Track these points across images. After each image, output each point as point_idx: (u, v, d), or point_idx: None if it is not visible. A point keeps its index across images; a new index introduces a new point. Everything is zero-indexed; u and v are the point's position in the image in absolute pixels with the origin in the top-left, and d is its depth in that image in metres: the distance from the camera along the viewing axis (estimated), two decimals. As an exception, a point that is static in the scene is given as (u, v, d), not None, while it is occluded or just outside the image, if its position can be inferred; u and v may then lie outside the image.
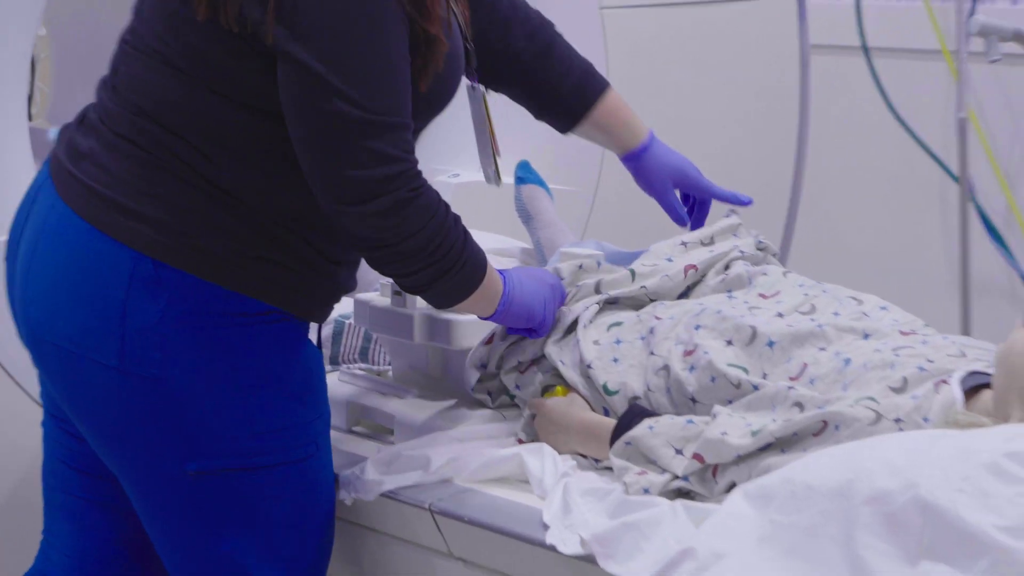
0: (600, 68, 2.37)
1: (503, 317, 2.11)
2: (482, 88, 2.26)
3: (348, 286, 2.11)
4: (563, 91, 2.31)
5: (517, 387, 2.23)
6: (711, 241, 2.31)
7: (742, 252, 2.28)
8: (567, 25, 2.37)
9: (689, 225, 2.36)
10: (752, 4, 3.22)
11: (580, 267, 2.26)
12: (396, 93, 1.92)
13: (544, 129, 2.40)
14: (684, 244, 2.31)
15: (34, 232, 2.02)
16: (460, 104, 2.21)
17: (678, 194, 2.37)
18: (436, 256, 1.97)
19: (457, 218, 2.01)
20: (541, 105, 2.33)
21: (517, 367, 2.24)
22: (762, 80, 3.23)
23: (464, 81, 2.18)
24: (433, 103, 2.06)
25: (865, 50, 3.62)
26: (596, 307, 2.22)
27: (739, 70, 3.21)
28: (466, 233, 2.02)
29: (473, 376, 2.25)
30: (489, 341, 2.22)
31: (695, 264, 2.26)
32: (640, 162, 2.34)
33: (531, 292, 2.13)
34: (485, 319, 2.14)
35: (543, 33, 2.31)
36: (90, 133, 2.01)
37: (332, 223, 1.97)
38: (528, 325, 2.15)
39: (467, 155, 2.85)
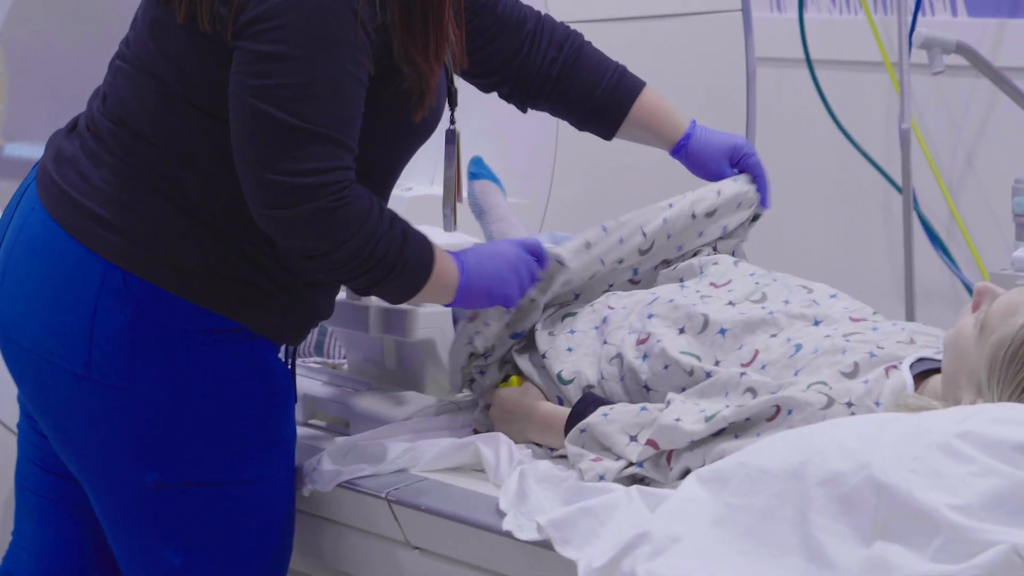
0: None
1: (463, 303, 2.09)
2: (458, 131, 2.22)
3: (324, 311, 2.08)
4: (597, 98, 2.28)
5: (482, 373, 2.21)
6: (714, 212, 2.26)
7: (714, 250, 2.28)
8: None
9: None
10: (699, 18, 3.25)
11: (588, 245, 2.19)
12: (337, 109, 1.89)
13: (493, 142, 2.39)
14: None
15: (14, 234, 2.02)
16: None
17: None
18: (371, 263, 1.94)
19: (393, 220, 1.97)
20: (580, 116, 2.31)
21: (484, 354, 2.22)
22: (709, 93, 3.24)
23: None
24: (421, 134, 2.06)
25: (809, 63, 3.66)
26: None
27: (686, 83, 3.23)
28: (405, 234, 1.97)
29: (461, 356, 2.21)
30: (473, 318, 2.17)
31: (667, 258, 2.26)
32: (688, 151, 2.31)
33: (489, 273, 2.08)
34: (447, 306, 2.12)
35: (571, 44, 2.29)
36: (75, 140, 2.01)
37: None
38: (491, 305, 2.11)
39: (420, 168, 2.85)
